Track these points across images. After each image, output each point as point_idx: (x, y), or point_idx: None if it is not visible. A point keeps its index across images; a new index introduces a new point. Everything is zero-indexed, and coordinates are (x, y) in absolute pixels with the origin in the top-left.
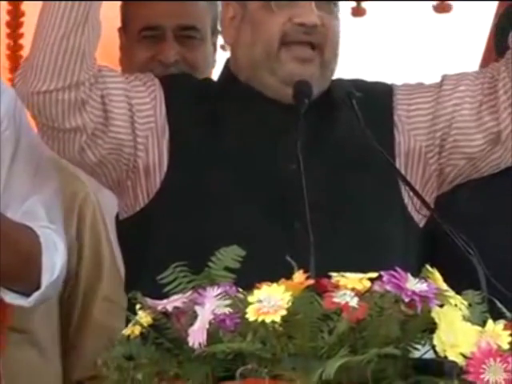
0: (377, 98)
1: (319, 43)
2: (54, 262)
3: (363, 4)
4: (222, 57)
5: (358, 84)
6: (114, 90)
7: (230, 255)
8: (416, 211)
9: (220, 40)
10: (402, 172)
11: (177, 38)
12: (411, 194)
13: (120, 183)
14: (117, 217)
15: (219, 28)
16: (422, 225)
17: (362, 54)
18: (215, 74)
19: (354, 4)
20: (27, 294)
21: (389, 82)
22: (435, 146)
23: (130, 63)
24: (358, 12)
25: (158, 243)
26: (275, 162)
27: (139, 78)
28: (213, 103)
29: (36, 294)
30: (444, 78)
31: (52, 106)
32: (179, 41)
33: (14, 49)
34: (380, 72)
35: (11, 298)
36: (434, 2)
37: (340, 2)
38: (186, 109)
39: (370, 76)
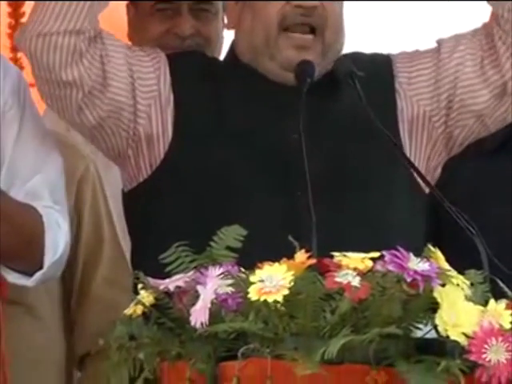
0: (377, 70)
1: (319, 25)
2: (56, 242)
3: None
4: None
5: (357, 57)
6: (114, 52)
7: (231, 234)
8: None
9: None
10: (407, 138)
11: (192, 11)
12: (416, 160)
13: (121, 153)
14: (122, 190)
15: None
16: (427, 191)
17: (364, 34)
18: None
19: None
20: (30, 274)
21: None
22: (441, 108)
23: (141, 37)
24: None
25: (162, 217)
26: (278, 136)
27: (144, 50)
28: (217, 81)
29: (38, 274)
30: (440, 41)
31: (50, 52)
32: (194, 14)
33: (16, 28)
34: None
35: (14, 278)
36: None
37: None
38: (191, 83)
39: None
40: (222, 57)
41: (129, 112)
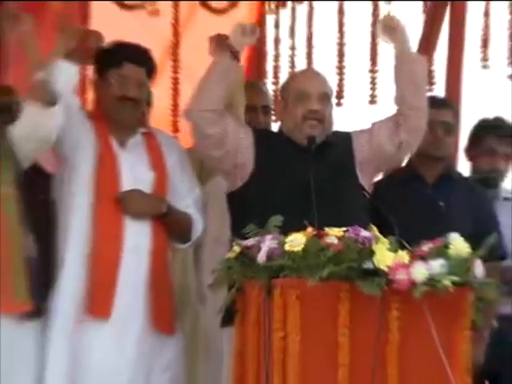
0: (345, 139)
1: (320, 119)
2: (197, 230)
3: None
4: None
5: (337, 133)
6: (230, 122)
7: (276, 220)
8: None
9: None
10: (359, 171)
11: (262, 109)
12: (364, 180)
13: (229, 172)
14: (227, 191)
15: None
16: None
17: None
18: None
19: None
20: (184, 243)
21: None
22: (373, 156)
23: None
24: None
25: (244, 208)
26: (300, 176)
27: (243, 126)
28: (273, 143)
29: (188, 244)
30: (373, 124)
31: (202, 120)
32: (263, 112)
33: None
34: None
35: (178, 247)
36: None
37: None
38: (262, 143)
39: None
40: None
41: (234, 153)
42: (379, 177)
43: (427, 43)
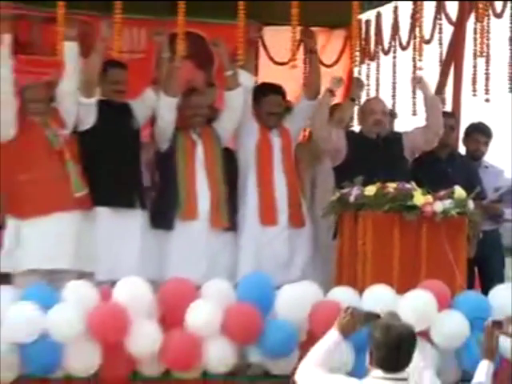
0: (398, 136)
1: (382, 125)
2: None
3: None
4: None
5: (393, 132)
6: (334, 130)
7: (359, 179)
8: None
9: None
10: (406, 154)
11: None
12: (409, 157)
13: (333, 156)
14: (333, 166)
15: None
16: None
17: None
18: None
19: None
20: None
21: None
22: (412, 146)
23: None
24: None
25: (342, 174)
26: (374, 155)
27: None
28: (356, 138)
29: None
30: (414, 128)
31: (320, 132)
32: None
33: None
34: None
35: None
36: None
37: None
38: (351, 138)
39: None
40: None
41: (336, 144)
42: (415, 156)
43: (443, 81)
